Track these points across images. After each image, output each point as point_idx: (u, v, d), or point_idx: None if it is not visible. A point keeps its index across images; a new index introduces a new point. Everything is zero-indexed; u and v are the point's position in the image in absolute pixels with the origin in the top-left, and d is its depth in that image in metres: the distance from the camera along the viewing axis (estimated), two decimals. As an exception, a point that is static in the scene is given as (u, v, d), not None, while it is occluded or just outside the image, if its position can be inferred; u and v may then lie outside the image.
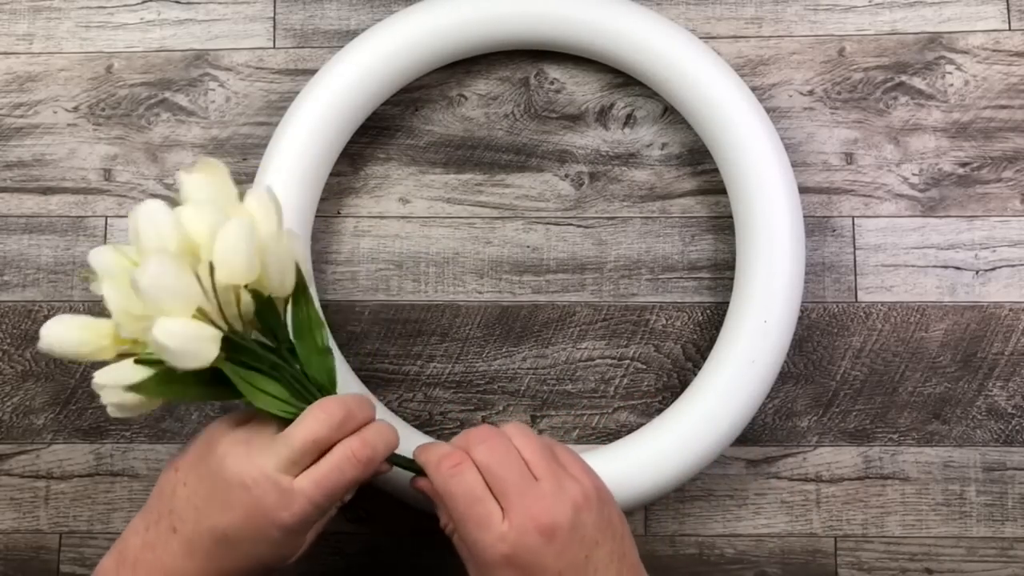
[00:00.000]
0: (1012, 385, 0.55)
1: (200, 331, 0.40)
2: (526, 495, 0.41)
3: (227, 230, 0.41)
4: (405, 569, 0.56)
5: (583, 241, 0.57)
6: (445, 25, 0.54)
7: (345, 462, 0.42)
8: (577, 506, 0.41)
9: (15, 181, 0.59)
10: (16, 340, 0.58)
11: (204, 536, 0.42)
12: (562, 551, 0.41)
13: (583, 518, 0.41)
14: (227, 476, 0.41)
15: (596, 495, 0.43)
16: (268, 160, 0.54)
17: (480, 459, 0.42)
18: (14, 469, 0.57)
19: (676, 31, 0.54)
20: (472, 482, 0.42)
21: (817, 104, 0.57)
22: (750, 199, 0.52)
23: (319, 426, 0.42)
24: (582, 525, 0.41)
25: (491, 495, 0.42)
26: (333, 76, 0.54)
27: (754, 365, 0.51)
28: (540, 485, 0.42)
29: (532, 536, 0.40)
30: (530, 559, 0.40)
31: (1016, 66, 0.57)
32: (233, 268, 0.41)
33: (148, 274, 0.39)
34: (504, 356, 0.57)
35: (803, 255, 0.52)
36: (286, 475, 0.41)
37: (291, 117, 0.54)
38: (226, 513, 0.41)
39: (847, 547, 0.55)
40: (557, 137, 0.58)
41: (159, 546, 0.42)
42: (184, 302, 0.40)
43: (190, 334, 0.40)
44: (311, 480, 0.41)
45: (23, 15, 0.60)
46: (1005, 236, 0.56)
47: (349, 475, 0.42)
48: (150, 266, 0.39)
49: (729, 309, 0.53)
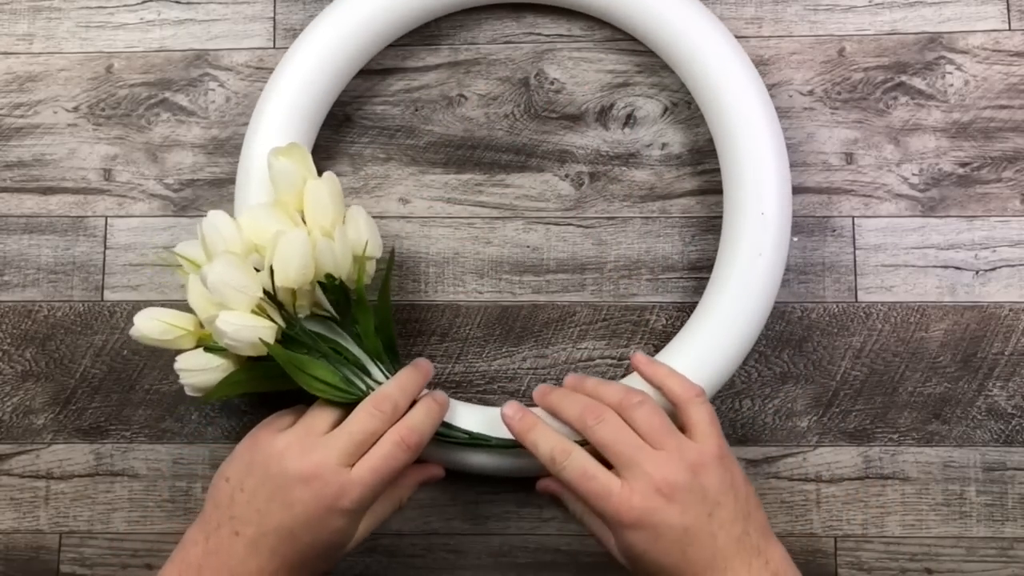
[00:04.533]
0: (1012, 385, 0.55)
1: (257, 323, 0.47)
2: (644, 463, 0.44)
3: (285, 241, 0.46)
4: (404, 569, 0.56)
5: (583, 241, 0.57)
6: None
7: (395, 448, 0.46)
8: (694, 467, 0.44)
9: (15, 181, 0.59)
10: (16, 340, 0.58)
11: (269, 535, 0.45)
12: (685, 508, 0.44)
13: (702, 479, 0.44)
14: (288, 475, 0.45)
15: (716, 458, 0.45)
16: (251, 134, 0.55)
17: (597, 439, 0.45)
18: (14, 469, 0.57)
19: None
20: (583, 463, 0.45)
21: (817, 104, 0.57)
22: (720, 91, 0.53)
23: (371, 420, 0.46)
24: (701, 485, 0.44)
25: (603, 469, 0.45)
26: (318, 31, 0.55)
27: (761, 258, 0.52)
28: (656, 453, 0.45)
29: (653, 497, 0.44)
30: (655, 518, 0.44)
31: (1016, 66, 0.57)
32: (288, 274, 0.47)
33: (215, 271, 0.46)
34: (504, 356, 0.57)
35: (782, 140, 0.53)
36: (344, 466, 0.45)
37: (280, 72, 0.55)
38: (290, 509, 0.44)
39: (847, 547, 0.55)
40: (557, 137, 0.58)
41: (222, 551, 0.45)
42: (245, 298, 0.46)
43: (247, 325, 0.46)
44: (367, 468, 0.45)
45: (23, 15, 0.60)
46: (1005, 236, 0.56)
47: (401, 459, 0.46)
48: (217, 264, 0.46)
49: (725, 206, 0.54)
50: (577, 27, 0.58)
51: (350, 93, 0.58)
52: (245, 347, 0.47)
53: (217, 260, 0.46)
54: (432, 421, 0.48)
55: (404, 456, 0.46)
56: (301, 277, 0.47)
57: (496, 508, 0.56)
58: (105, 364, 0.57)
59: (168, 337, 0.49)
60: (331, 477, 0.44)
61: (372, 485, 0.45)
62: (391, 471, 0.46)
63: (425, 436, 0.47)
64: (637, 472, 0.44)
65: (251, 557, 0.45)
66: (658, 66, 0.58)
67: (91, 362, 0.57)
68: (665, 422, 0.46)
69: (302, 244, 0.47)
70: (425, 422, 0.47)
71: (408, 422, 0.47)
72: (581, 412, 0.46)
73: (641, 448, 0.45)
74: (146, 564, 0.56)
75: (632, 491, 0.44)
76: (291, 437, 0.46)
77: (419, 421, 0.47)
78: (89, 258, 0.58)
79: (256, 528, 0.45)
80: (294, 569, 0.45)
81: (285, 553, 0.45)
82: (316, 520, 0.45)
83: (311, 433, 0.46)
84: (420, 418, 0.47)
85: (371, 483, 0.45)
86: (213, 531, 0.46)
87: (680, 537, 0.44)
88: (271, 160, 0.49)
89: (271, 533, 0.45)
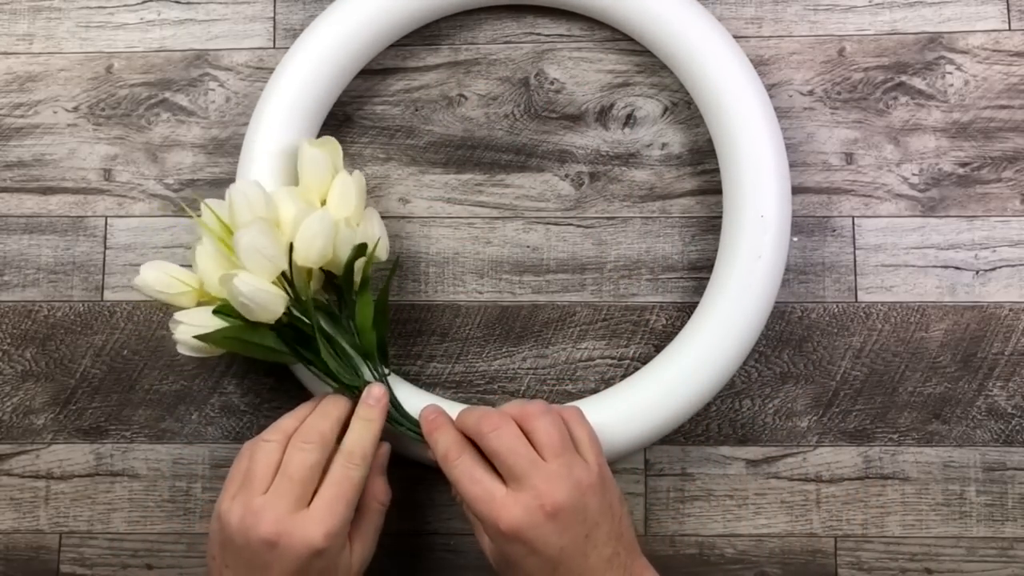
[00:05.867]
0: (1012, 385, 0.55)
1: (274, 290, 0.47)
2: (534, 476, 0.44)
3: (309, 221, 0.47)
4: (402, 569, 0.56)
5: (583, 241, 0.57)
6: None
7: (343, 470, 0.46)
8: (582, 488, 0.45)
9: (15, 181, 0.59)
10: (16, 340, 0.58)
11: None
12: (564, 529, 0.44)
13: (587, 500, 0.45)
14: (252, 546, 0.44)
15: (600, 478, 0.46)
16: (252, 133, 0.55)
17: (489, 446, 0.46)
18: (14, 469, 0.57)
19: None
20: (470, 466, 0.46)
21: (817, 104, 0.57)
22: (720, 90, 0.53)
23: (304, 455, 0.45)
24: (585, 507, 0.45)
25: (491, 475, 0.45)
26: (319, 31, 0.55)
27: (761, 260, 0.52)
28: (548, 466, 0.45)
29: (537, 514, 0.44)
30: (534, 535, 0.44)
31: (1016, 66, 0.57)
32: (309, 254, 0.48)
33: (249, 235, 0.46)
34: (504, 356, 0.57)
35: (782, 142, 0.53)
36: (299, 511, 0.45)
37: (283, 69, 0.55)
38: (270, 572, 0.44)
39: (847, 547, 0.55)
40: (557, 137, 0.58)
41: None
42: (270, 266, 0.47)
43: (265, 290, 0.47)
44: (323, 502, 0.45)
45: (23, 15, 0.60)
46: (1005, 236, 0.56)
47: (354, 479, 0.46)
48: (252, 229, 0.46)
49: (724, 208, 0.54)
50: (577, 27, 0.58)
51: (350, 93, 0.58)
52: (256, 310, 0.47)
53: (253, 225, 0.47)
54: (371, 431, 0.47)
55: (355, 474, 0.46)
56: (321, 257, 0.48)
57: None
58: (105, 364, 0.57)
59: (170, 291, 0.49)
60: (292, 529, 0.44)
61: (335, 515, 0.45)
62: (348, 494, 0.46)
63: (368, 447, 0.47)
64: (526, 485, 0.44)
65: None
66: (658, 66, 0.58)
67: (91, 362, 0.57)
68: (564, 436, 0.46)
69: (328, 225, 0.48)
70: (363, 435, 0.47)
71: (345, 445, 0.47)
72: (478, 420, 0.46)
73: (533, 462, 0.45)
74: (146, 564, 0.56)
75: (516, 502, 0.44)
76: (241, 507, 0.45)
77: (357, 436, 0.47)
78: (89, 258, 0.58)
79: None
80: None
81: None
82: (299, 570, 0.44)
83: (255, 492, 0.45)
84: (357, 433, 0.47)
85: (333, 514, 0.45)
86: None
87: (554, 555, 0.44)
88: (304, 147, 0.51)
89: None
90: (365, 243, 0.50)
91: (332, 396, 0.49)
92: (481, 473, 0.46)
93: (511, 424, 0.46)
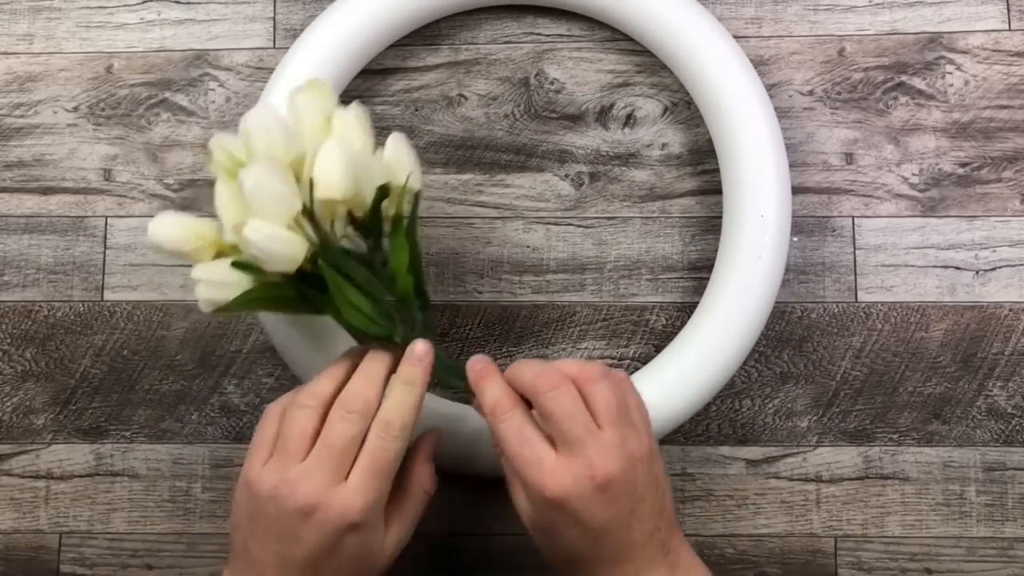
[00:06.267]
0: (1012, 385, 0.55)
1: (290, 236, 0.42)
2: (588, 445, 0.42)
3: (327, 148, 0.42)
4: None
5: (583, 241, 0.57)
6: None
7: (380, 441, 0.43)
8: (633, 461, 0.42)
9: (15, 181, 0.59)
10: (16, 340, 0.58)
11: (294, 571, 0.43)
12: (612, 502, 0.42)
13: (637, 473, 0.43)
14: (287, 514, 0.42)
15: (650, 451, 0.44)
16: None
17: (545, 407, 0.43)
18: (14, 469, 0.57)
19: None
20: (520, 424, 0.43)
21: (817, 104, 0.57)
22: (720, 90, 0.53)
23: (346, 425, 0.43)
24: (635, 480, 0.43)
25: (541, 437, 0.43)
26: (317, 33, 0.54)
27: (761, 260, 0.52)
28: (603, 435, 0.42)
29: (586, 485, 0.41)
30: (580, 505, 0.42)
31: (1016, 66, 0.57)
32: (332, 182, 0.42)
33: (254, 175, 0.41)
34: (504, 356, 0.57)
35: (781, 142, 0.53)
36: (336, 483, 0.42)
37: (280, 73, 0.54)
38: (302, 545, 0.42)
39: (847, 547, 0.55)
40: (557, 137, 0.58)
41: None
42: (283, 209, 0.42)
43: (279, 237, 0.42)
44: (359, 475, 0.42)
45: (23, 15, 0.60)
46: (1005, 236, 0.56)
47: (392, 451, 0.43)
48: (257, 168, 0.41)
49: (724, 208, 0.54)
50: (577, 27, 0.58)
51: (350, 93, 0.58)
52: (272, 260, 0.42)
53: (257, 164, 0.41)
54: (413, 396, 0.44)
55: (393, 446, 0.43)
56: (343, 188, 0.42)
57: (496, 508, 0.56)
58: (105, 364, 0.57)
59: (186, 248, 0.44)
60: (328, 500, 0.42)
61: (372, 489, 0.42)
62: (385, 468, 0.43)
63: (408, 416, 0.43)
64: (578, 453, 0.42)
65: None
66: (658, 66, 0.58)
67: (91, 362, 0.57)
68: (622, 404, 0.43)
69: (343, 152, 0.42)
70: (404, 401, 0.44)
71: (383, 413, 0.43)
72: (534, 377, 0.43)
73: (589, 429, 0.42)
74: (146, 564, 0.56)
75: (566, 470, 0.42)
76: (274, 475, 0.42)
77: (395, 404, 0.44)
78: (89, 258, 0.58)
79: (277, 569, 0.43)
80: None
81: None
82: (331, 546, 0.42)
83: (291, 462, 0.42)
84: (396, 401, 0.44)
85: (370, 488, 0.42)
86: (241, 574, 0.44)
87: (598, 528, 0.42)
88: (291, 98, 0.45)
89: (295, 568, 0.43)
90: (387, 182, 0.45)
91: (374, 353, 0.45)
92: (531, 433, 0.43)
93: (570, 386, 0.43)
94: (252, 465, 0.44)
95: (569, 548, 0.43)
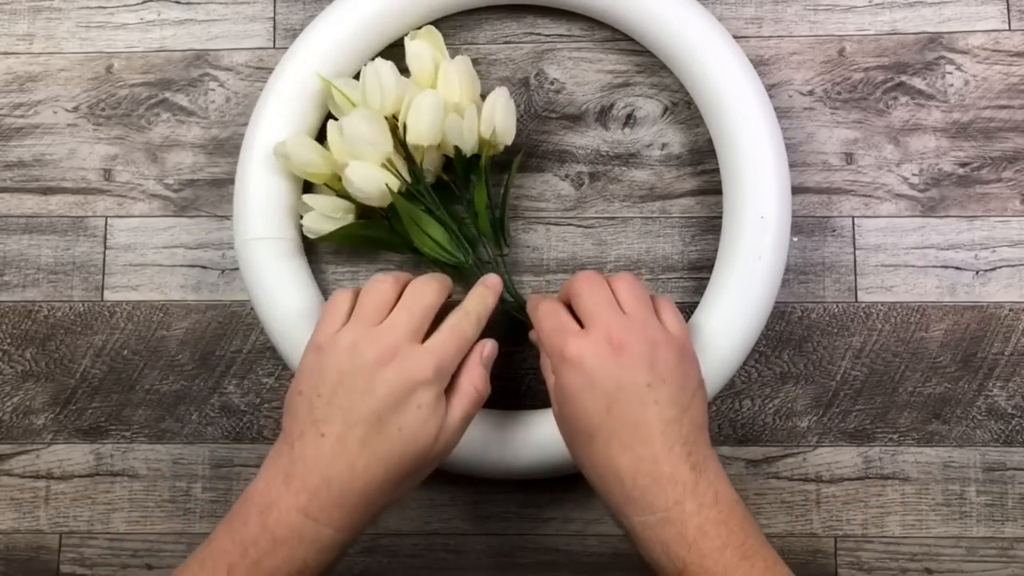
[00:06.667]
0: (1012, 385, 0.55)
1: (382, 175, 0.51)
2: (610, 319, 0.45)
3: (419, 99, 0.51)
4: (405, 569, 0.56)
5: (583, 241, 0.57)
6: None
7: (459, 320, 0.47)
8: (654, 342, 0.45)
9: (15, 181, 0.59)
10: (16, 340, 0.58)
11: (356, 427, 0.44)
12: (626, 367, 0.44)
13: (657, 353, 0.45)
14: (365, 363, 0.44)
15: (679, 345, 0.46)
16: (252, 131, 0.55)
17: (575, 289, 0.47)
18: (14, 469, 0.57)
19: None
20: (554, 306, 0.48)
21: (817, 104, 0.57)
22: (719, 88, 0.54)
23: (423, 295, 0.46)
24: (653, 358, 0.44)
25: (571, 318, 0.47)
26: (316, 35, 0.55)
27: (761, 261, 0.52)
28: (625, 315, 0.46)
29: (603, 345, 0.44)
30: (594, 363, 0.44)
31: (1016, 66, 0.57)
32: (420, 130, 0.51)
33: (351, 123, 0.50)
34: (504, 356, 0.57)
35: (781, 140, 0.53)
36: (415, 342, 0.45)
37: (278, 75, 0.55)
38: (373, 393, 0.44)
39: (847, 547, 0.55)
40: (557, 137, 0.58)
41: (308, 455, 0.44)
42: (375, 151, 0.51)
43: (374, 176, 0.51)
44: (438, 339, 0.46)
45: (23, 15, 0.60)
46: (1005, 236, 0.56)
47: (467, 331, 0.47)
48: (353, 117, 0.50)
49: (724, 208, 0.54)
50: (577, 27, 0.58)
51: (350, 93, 0.58)
52: (369, 197, 0.51)
53: (354, 113, 0.50)
54: (487, 301, 0.49)
55: (468, 328, 0.47)
56: (430, 136, 0.51)
57: (496, 508, 0.56)
58: (105, 364, 0.57)
59: (309, 169, 0.52)
60: (407, 351, 0.44)
61: (447, 354, 0.45)
62: (460, 343, 0.46)
63: (483, 312, 0.48)
64: (599, 323, 0.45)
65: (340, 455, 0.43)
66: (658, 66, 0.58)
67: (91, 362, 0.57)
68: (646, 301, 0.47)
69: (432, 105, 0.50)
70: (481, 301, 0.48)
71: (464, 304, 0.48)
72: (573, 280, 0.48)
73: (613, 309, 0.46)
74: (146, 564, 0.56)
75: (587, 336, 0.45)
76: (353, 333, 0.45)
77: (476, 300, 0.48)
78: (89, 258, 0.58)
79: (341, 424, 0.43)
80: (383, 466, 0.44)
81: (375, 446, 0.43)
82: (402, 398, 0.44)
83: (369, 324, 0.45)
84: (476, 298, 0.49)
85: (445, 354, 0.45)
86: (297, 439, 0.44)
87: (610, 390, 0.44)
88: (407, 43, 0.53)
89: (358, 424, 0.43)
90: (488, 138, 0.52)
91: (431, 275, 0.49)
92: (562, 312, 0.47)
93: (602, 283, 0.47)
94: (324, 332, 0.46)
95: (585, 415, 0.44)
